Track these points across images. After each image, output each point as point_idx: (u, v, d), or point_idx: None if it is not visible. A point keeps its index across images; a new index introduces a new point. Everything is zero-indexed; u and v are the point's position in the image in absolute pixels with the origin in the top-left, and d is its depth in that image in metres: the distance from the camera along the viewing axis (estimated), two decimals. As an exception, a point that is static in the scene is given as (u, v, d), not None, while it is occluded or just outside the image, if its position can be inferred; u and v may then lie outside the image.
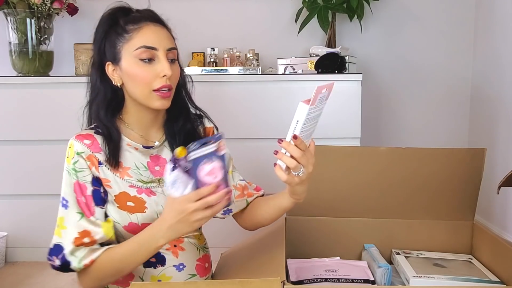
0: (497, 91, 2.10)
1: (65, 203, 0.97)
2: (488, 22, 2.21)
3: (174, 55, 1.01)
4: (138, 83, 0.98)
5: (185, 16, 2.35)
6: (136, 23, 0.98)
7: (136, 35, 0.97)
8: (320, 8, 2.19)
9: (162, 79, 0.97)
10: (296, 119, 0.81)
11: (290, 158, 0.83)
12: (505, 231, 1.98)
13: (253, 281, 0.78)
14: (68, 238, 0.95)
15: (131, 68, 0.97)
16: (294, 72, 2.06)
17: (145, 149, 1.05)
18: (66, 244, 0.95)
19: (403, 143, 2.37)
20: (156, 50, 0.97)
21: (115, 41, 0.98)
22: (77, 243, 0.95)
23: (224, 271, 1.16)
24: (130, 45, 0.97)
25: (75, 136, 0.99)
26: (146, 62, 0.97)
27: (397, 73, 2.40)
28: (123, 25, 0.98)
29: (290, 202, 0.99)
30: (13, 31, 2.05)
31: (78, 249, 0.95)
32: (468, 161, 1.21)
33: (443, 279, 1.06)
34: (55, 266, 0.97)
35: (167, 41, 1.00)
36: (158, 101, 0.99)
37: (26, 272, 1.91)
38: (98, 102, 1.02)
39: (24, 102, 1.95)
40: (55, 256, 0.96)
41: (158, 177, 1.04)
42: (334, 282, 1.06)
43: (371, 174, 1.23)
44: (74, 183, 0.97)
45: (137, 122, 1.05)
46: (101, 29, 1.01)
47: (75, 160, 0.97)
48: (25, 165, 1.98)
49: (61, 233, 0.96)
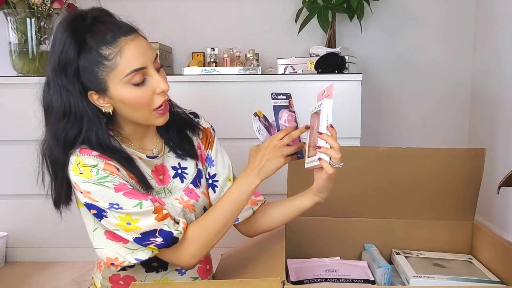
0: (497, 91, 2.10)
1: (116, 206, 0.89)
2: (488, 22, 2.21)
3: (158, 62, 0.94)
4: (137, 107, 0.92)
5: (185, 16, 2.35)
6: (113, 44, 0.87)
7: (120, 60, 0.87)
8: (320, 8, 2.19)
9: (160, 95, 0.93)
10: (326, 113, 0.89)
11: (335, 151, 0.88)
12: (505, 231, 1.98)
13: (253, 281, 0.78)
14: (150, 221, 0.90)
15: (125, 95, 0.90)
16: (294, 72, 2.06)
17: (149, 159, 1.02)
18: (153, 225, 0.90)
19: (403, 143, 2.37)
20: (145, 69, 0.90)
21: (95, 70, 0.88)
22: (161, 218, 0.91)
23: (224, 271, 1.16)
24: (117, 73, 0.88)
25: (80, 151, 0.90)
26: (140, 85, 0.90)
27: (397, 73, 2.40)
28: (98, 50, 0.87)
29: (312, 202, 1.00)
30: (13, 31, 2.05)
31: (166, 221, 0.91)
32: (468, 161, 1.21)
33: (443, 279, 1.06)
34: (160, 245, 0.91)
35: (149, 51, 0.92)
36: (159, 119, 0.95)
37: (26, 272, 1.91)
38: (96, 133, 0.92)
39: (24, 102, 1.94)
40: (152, 238, 0.90)
41: (163, 187, 1.02)
42: (334, 282, 1.06)
43: (371, 174, 1.23)
44: (112, 187, 0.89)
45: (132, 134, 1.01)
46: (66, 53, 0.87)
47: (95, 171, 0.89)
48: (25, 165, 1.97)
49: (139, 226, 0.89)
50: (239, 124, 1.93)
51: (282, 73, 2.08)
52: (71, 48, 0.87)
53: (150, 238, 0.91)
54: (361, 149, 1.32)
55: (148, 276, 1.02)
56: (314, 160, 0.89)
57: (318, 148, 0.88)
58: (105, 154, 0.92)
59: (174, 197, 1.02)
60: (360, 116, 1.91)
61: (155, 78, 0.92)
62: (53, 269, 1.93)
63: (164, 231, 0.91)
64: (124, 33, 0.89)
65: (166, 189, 1.02)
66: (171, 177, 1.04)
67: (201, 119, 1.13)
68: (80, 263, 1.97)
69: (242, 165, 1.25)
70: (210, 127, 1.13)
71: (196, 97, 1.91)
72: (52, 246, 2.02)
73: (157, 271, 1.02)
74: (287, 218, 1.06)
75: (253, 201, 1.10)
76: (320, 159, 0.88)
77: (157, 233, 0.91)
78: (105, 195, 0.89)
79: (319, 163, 0.88)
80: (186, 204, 1.03)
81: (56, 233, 2.01)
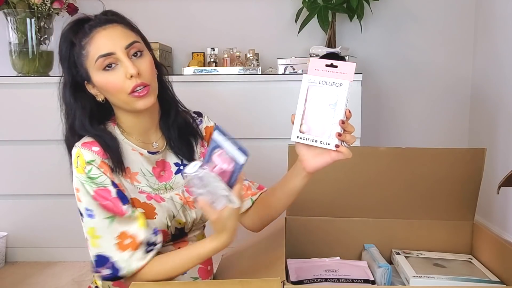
0: (497, 91, 2.10)
1: (90, 213, 0.93)
2: (488, 22, 2.21)
3: (137, 48, 0.96)
4: (113, 92, 0.95)
5: (185, 16, 2.35)
6: (87, 36, 0.94)
7: (90, 48, 0.93)
8: (320, 8, 2.19)
9: (131, 80, 0.93)
10: (347, 97, 0.83)
11: (351, 135, 0.86)
12: (505, 231, 1.98)
13: (253, 281, 0.79)
14: (108, 246, 0.92)
15: (100, 81, 0.95)
16: (294, 72, 2.06)
17: (150, 155, 1.03)
18: (110, 252, 0.92)
19: (403, 143, 2.37)
20: (114, 54, 0.93)
21: (79, 61, 0.96)
22: (121, 248, 0.92)
23: (225, 272, 1.16)
24: (90, 60, 0.94)
25: (82, 144, 0.95)
26: (109, 70, 0.94)
27: (397, 73, 2.40)
28: (78, 43, 0.95)
29: (306, 182, 0.95)
30: (13, 31, 2.05)
31: (124, 254, 0.92)
32: (468, 161, 1.21)
33: (443, 279, 1.06)
34: (105, 277, 0.93)
35: (122, 39, 0.94)
36: (138, 102, 0.95)
37: (26, 272, 1.91)
38: (79, 117, 0.98)
39: (24, 102, 1.95)
40: (102, 267, 0.93)
41: (164, 183, 1.03)
42: (334, 282, 1.06)
43: (371, 174, 1.23)
44: (94, 191, 0.93)
45: (134, 127, 1.02)
46: (63, 51, 0.97)
47: (88, 169, 0.93)
48: (25, 165, 1.98)
49: (99, 244, 0.93)
50: (239, 124, 1.93)
51: (282, 73, 2.08)
52: (64, 46, 0.97)
53: (99, 267, 0.93)
54: (361, 149, 1.32)
55: None
56: (324, 143, 0.85)
57: (339, 135, 0.84)
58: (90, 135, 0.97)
59: (175, 192, 1.03)
60: (360, 116, 1.91)
61: (124, 64, 0.93)
62: (53, 269, 1.93)
63: (114, 266, 0.92)
64: (100, 24, 0.95)
65: (167, 185, 1.03)
66: (173, 173, 1.05)
67: (204, 118, 1.14)
68: (80, 263, 1.97)
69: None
70: (214, 125, 1.14)
71: (195, 97, 1.91)
72: (52, 246, 2.02)
73: None
74: (287, 203, 1.02)
75: (253, 193, 1.10)
76: (337, 146, 0.84)
77: (107, 264, 0.92)
78: (85, 198, 0.94)
79: (332, 148, 0.85)
80: (186, 201, 1.04)
81: (56, 233, 2.01)
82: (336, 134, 0.84)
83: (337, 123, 0.84)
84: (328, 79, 0.85)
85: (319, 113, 0.86)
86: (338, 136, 0.84)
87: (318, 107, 0.86)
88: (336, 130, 0.84)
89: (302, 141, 0.87)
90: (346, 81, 0.83)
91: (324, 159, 0.88)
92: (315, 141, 0.86)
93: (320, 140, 0.86)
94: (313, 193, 1.17)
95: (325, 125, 0.85)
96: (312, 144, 0.86)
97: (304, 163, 0.90)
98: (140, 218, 0.95)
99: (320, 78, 0.86)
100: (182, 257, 0.94)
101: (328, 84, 0.85)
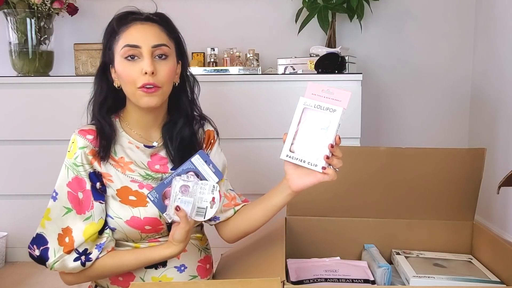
0: (497, 91, 2.10)
1: (55, 195, 0.99)
2: (488, 22, 2.21)
3: (164, 52, 1.00)
4: (125, 81, 0.99)
5: (185, 16, 2.35)
6: (125, 25, 1.00)
7: (122, 35, 0.99)
8: (320, 8, 2.19)
9: (145, 76, 0.97)
10: (338, 123, 0.88)
11: (338, 160, 0.89)
12: (505, 231, 1.98)
13: (253, 281, 0.79)
14: (51, 233, 0.97)
15: (119, 67, 0.99)
16: (294, 72, 2.06)
17: (146, 148, 1.06)
18: (49, 237, 0.97)
19: (403, 143, 2.37)
20: (139, 48, 0.97)
21: (111, 44, 1.01)
22: (59, 241, 0.97)
23: (224, 271, 1.16)
24: (118, 46, 0.99)
25: (79, 131, 1.01)
26: (130, 60, 0.98)
27: (397, 73, 2.40)
28: (117, 28, 1.00)
29: (289, 200, 0.98)
30: (13, 31, 2.05)
31: (60, 249, 0.96)
32: (468, 161, 1.21)
33: (443, 279, 1.06)
34: (33, 256, 0.98)
35: (153, 38, 0.99)
36: (143, 98, 0.98)
37: (26, 272, 1.91)
38: (95, 100, 1.05)
39: (24, 102, 1.94)
40: (36, 246, 0.97)
41: (161, 174, 1.05)
42: (334, 282, 1.06)
43: (371, 174, 1.23)
44: (72, 178, 0.98)
45: (136, 122, 1.06)
46: (105, 32, 1.04)
47: (77, 155, 0.99)
48: (25, 165, 1.98)
49: (46, 225, 0.98)
50: (239, 124, 1.93)
51: (282, 73, 2.08)
52: (107, 29, 1.03)
53: (34, 244, 0.97)
54: (361, 149, 1.32)
55: (147, 273, 1.02)
56: (311, 164, 0.89)
57: (327, 157, 0.88)
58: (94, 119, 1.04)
59: None
60: (360, 116, 1.91)
61: (144, 60, 0.97)
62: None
63: (46, 252, 0.96)
64: (141, 19, 1.01)
65: (163, 176, 1.04)
66: (169, 169, 1.06)
67: (206, 122, 1.15)
68: (80, 263, 1.97)
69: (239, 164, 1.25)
70: (214, 131, 1.15)
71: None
72: (52, 246, 2.02)
73: (156, 268, 1.03)
74: (266, 218, 1.04)
75: (237, 203, 1.11)
76: (324, 168, 0.88)
77: (41, 247, 0.96)
78: (60, 182, 0.99)
79: (318, 169, 0.88)
80: None
81: (56, 233, 2.01)
82: (324, 156, 0.88)
83: (326, 147, 0.88)
84: (323, 104, 0.89)
85: (311, 135, 0.90)
86: (326, 158, 0.88)
87: (310, 130, 0.90)
88: (324, 153, 0.88)
89: (290, 160, 0.91)
90: (340, 108, 0.88)
91: (310, 179, 0.91)
92: (303, 161, 0.90)
93: (308, 161, 0.89)
94: (313, 193, 1.17)
95: (315, 147, 0.89)
96: (300, 164, 0.90)
97: (290, 181, 0.94)
98: (91, 226, 0.97)
99: (315, 102, 0.90)
100: (136, 257, 0.99)
101: (322, 109, 0.89)
